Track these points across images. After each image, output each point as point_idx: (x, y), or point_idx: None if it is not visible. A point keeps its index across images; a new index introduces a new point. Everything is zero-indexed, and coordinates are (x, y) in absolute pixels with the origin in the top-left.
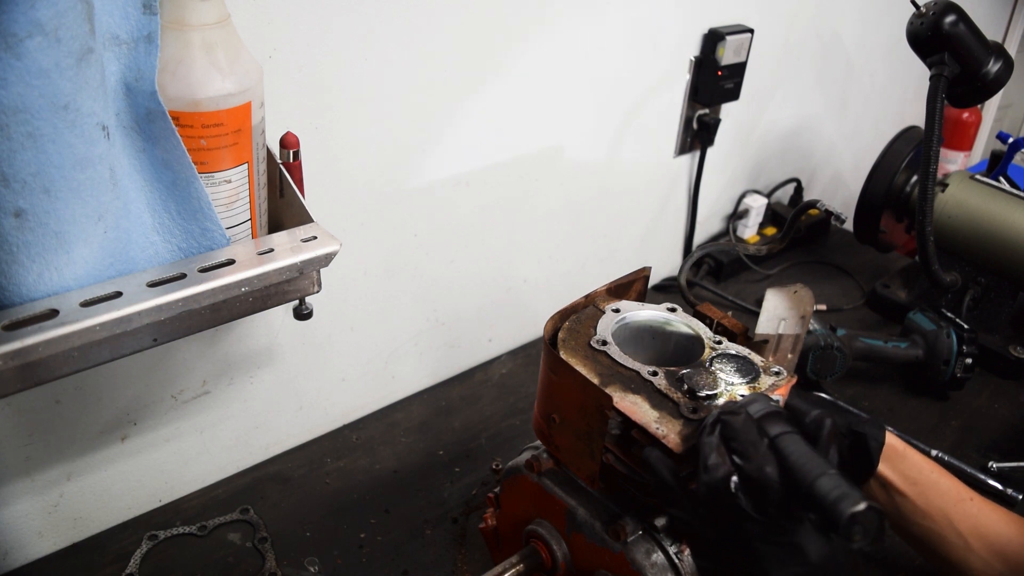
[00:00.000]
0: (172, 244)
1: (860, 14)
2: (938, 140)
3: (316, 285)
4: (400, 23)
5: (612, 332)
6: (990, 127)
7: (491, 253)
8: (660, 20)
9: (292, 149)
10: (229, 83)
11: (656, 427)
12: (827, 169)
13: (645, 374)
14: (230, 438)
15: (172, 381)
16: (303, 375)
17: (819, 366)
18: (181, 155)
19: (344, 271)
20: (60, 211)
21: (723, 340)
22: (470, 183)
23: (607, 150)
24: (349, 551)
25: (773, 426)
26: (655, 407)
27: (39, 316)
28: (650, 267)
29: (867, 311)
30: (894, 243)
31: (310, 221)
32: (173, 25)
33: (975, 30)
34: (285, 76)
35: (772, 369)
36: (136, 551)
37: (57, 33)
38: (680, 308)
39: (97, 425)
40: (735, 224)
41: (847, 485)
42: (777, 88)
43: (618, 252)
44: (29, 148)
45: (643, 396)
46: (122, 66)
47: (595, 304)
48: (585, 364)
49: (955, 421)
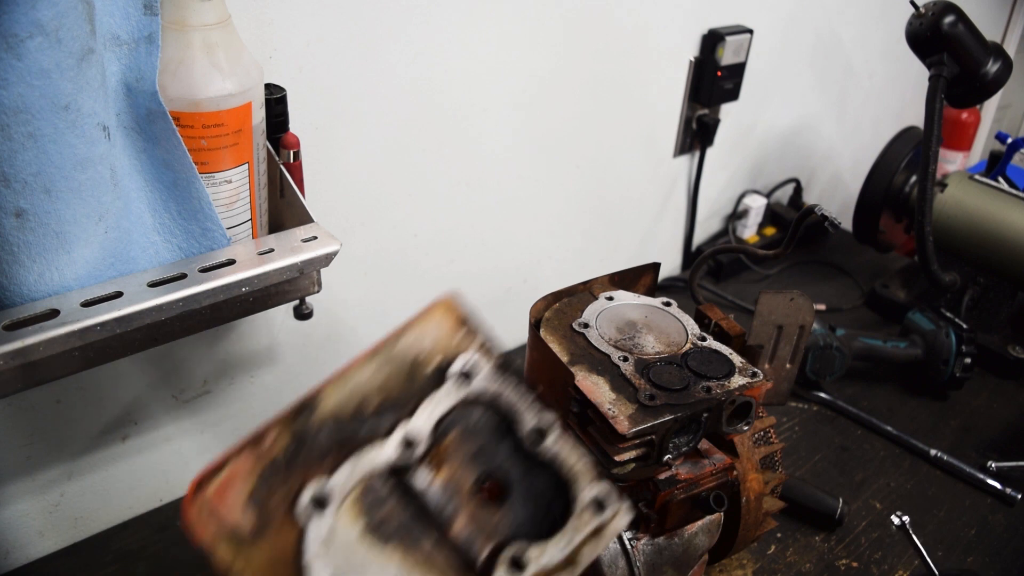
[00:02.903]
0: (173, 244)
1: (860, 14)
2: (937, 140)
3: (316, 285)
4: (400, 23)
5: (596, 317)
6: (989, 127)
7: (491, 253)
8: (660, 20)
9: (292, 149)
10: (230, 83)
11: (608, 407)
12: (826, 169)
13: (615, 359)
14: (231, 437)
15: (173, 381)
16: (303, 375)
17: (818, 366)
18: (182, 155)
19: (344, 271)
20: (61, 211)
21: (707, 337)
22: (470, 183)
23: (607, 150)
24: None
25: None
26: (614, 390)
27: (40, 316)
28: (659, 262)
29: (866, 311)
30: (893, 243)
31: (310, 221)
32: (174, 26)
33: (974, 30)
34: (285, 76)
35: (749, 371)
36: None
37: (58, 34)
38: (675, 304)
39: (98, 424)
40: (735, 224)
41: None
42: (776, 88)
43: (618, 252)
44: (30, 148)
45: (606, 379)
46: (123, 66)
47: (591, 291)
48: (561, 343)
49: (954, 421)
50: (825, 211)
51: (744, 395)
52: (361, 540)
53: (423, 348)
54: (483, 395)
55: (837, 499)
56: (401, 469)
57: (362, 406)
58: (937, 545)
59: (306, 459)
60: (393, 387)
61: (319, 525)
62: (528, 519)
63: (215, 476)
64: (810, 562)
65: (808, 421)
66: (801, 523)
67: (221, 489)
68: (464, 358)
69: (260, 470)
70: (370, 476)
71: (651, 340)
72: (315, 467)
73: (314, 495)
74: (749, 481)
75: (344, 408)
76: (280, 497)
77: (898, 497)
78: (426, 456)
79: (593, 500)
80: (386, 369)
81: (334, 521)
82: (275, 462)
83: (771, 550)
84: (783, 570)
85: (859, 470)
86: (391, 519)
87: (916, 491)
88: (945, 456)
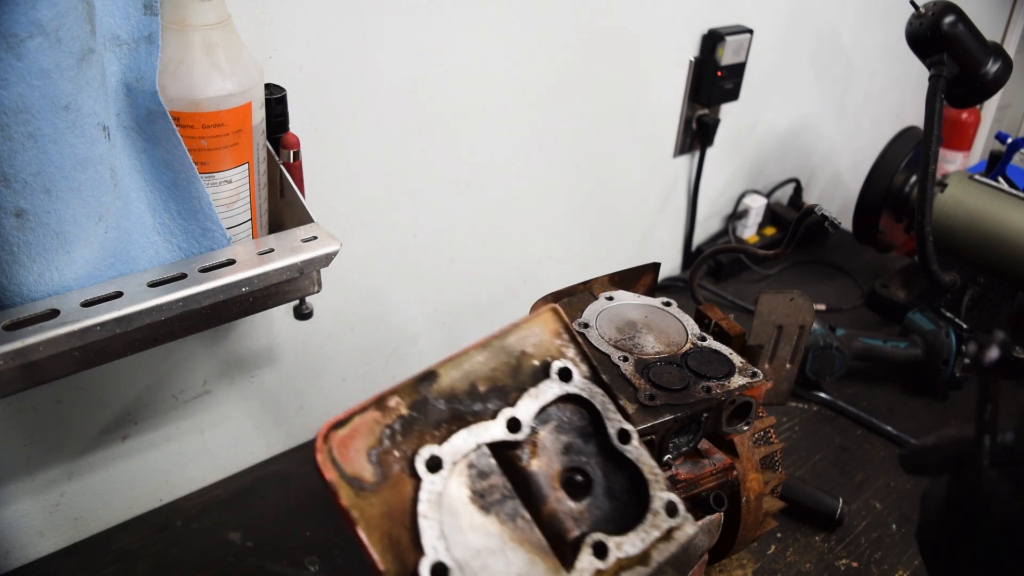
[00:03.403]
0: (173, 244)
1: (860, 14)
2: (937, 140)
3: (316, 285)
4: (400, 23)
5: (596, 317)
6: (989, 127)
7: (491, 253)
8: (660, 20)
9: (292, 149)
10: (230, 83)
11: None
12: (826, 169)
13: (615, 359)
14: (230, 438)
15: (173, 381)
16: (303, 375)
17: (818, 366)
18: (182, 155)
19: (344, 271)
20: (61, 211)
21: (707, 337)
22: (470, 183)
23: (607, 150)
24: (349, 551)
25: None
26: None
27: (40, 316)
28: (659, 262)
29: (866, 311)
30: (893, 243)
31: (310, 221)
32: (174, 26)
33: (974, 30)
34: (285, 76)
35: (749, 371)
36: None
37: (58, 34)
38: (675, 304)
39: (98, 425)
40: (735, 224)
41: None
42: (776, 88)
43: (618, 252)
44: (30, 148)
45: (606, 379)
46: (123, 66)
47: (591, 291)
48: None
49: (954, 421)
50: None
51: (744, 395)
52: (467, 505)
53: (528, 347)
54: (578, 395)
55: (837, 499)
56: (505, 447)
57: (474, 387)
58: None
59: (423, 425)
60: (500, 376)
61: (432, 485)
62: (608, 513)
63: (341, 427)
64: (810, 562)
65: (808, 421)
66: (801, 523)
67: (346, 440)
68: (563, 361)
69: (381, 429)
70: (477, 449)
71: (651, 340)
72: (430, 434)
73: (430, 457)
74: (749, 481)
75: (459, 386)
76: (398, 455)
77: (898, 497)
78: (526, 441)
79: (667, 503)
80: (495, 359)
81: (444, 484)
82: (395, 423)
83: (771, 550)
84: (783, 570)
85: (859, 470)
86: (493, 491)
87: (916, 491)
88: None
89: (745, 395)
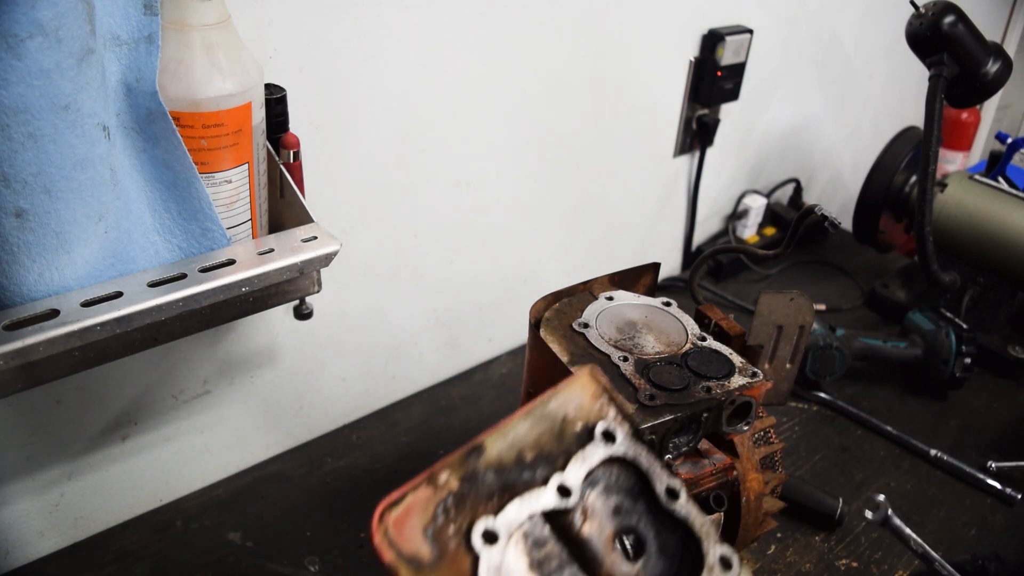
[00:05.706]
0: (173, 244)
1: (860, 14)
2: (937, 140)
3: (316, 285)
4: (400, 23)
5: (596, 317)
6: (989, 127)
7: (491, 253)
8: (660, 20)
9: (292, 149)
10: (229, 83)
11: None
12: (826, 169)
13: (615, 358)
14: (230, 438)
15: (173, 381)
16: (303, 375)
17: (818, 366)
18: (182, 155)
19: (344, 271)
20: (61, 211)
21: (707, 337)
22: (470, 183)
23: (607, 150)
24: (349, 551)
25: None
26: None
27: (40, 316)
28: (659, 262)
29: (866, 311)
30: (893, 243)
31: (310, 221)
32: (174, 26)
33: (974, 30)
34: (285, 76)
35: (749, 371)
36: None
37: (58, 34)
38: (675, 304)
39: (98, 425)
40: (735, 224)
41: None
42: (776, 88)
43: (618, 252)
44: (30, 148)
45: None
46: (123, 66)
47: (591, 291)
48: (560, 343)
49: (954, 421)
50: (825, 211)
51: (744, 395)
52: (527, 575)
53: (569, 411)
54: (623, 456)
55: (837, 499)
56: (558, 514)
57: (521, 456)
58: (937, 545)
59: (475, 498)
60: (545, 443)
61: (490, 557)
62: (663, 572)
63: (395, 506)
64: (810, 562)
65: (808, 421)
66: (801, 523)
67: (401, 519)
68: (605, 423)
69: (435, 505)
70: (531, 518)
71: (651, 340)
72: (482, 506)
73: (485, 531)
74: (749, 481)
75: (506, 456)
76: (453, 531)
77: (898, 497)
78: (577, 506)
79: (721, 558)
80: (539, 426)
81: (502, 557)
82: (448, 499)
83: (771, 550)
84: (783, 570)
85: (859, 470)
86: (551, 560)
87: (916, 491)
88: (945, 456)
89: (745, 395)
